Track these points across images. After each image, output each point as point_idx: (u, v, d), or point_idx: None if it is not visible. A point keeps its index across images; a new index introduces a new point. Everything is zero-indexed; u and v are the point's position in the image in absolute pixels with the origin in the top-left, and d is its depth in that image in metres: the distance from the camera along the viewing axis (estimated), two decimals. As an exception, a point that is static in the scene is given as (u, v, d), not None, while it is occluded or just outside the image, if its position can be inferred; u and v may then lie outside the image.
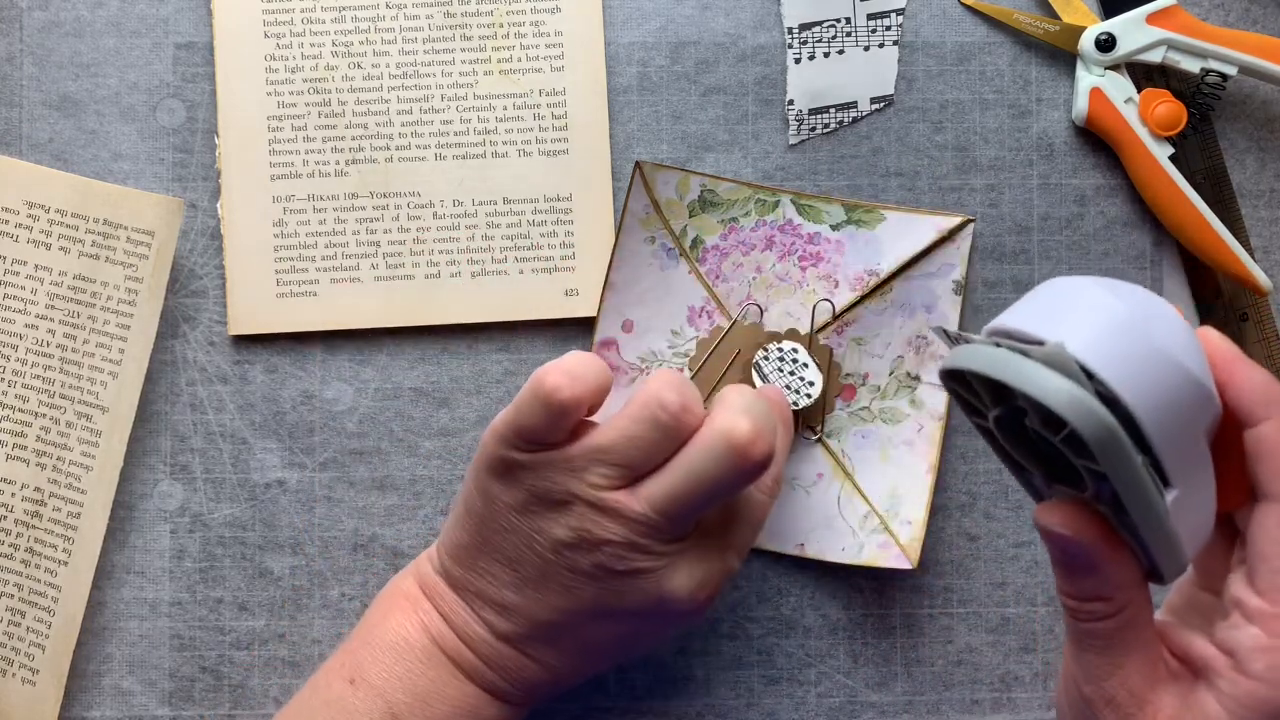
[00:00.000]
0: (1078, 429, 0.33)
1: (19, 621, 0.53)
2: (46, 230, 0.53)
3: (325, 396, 0.55)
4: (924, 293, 0.54)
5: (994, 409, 0.37)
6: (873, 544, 0.53)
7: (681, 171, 0.53)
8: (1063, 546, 0.38)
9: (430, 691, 0.46)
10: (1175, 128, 0.53)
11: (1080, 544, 0.37)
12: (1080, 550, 0.37)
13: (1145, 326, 0.35)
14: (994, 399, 0.37)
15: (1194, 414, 0.35)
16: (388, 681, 0.46)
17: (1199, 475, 0.36)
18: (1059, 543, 0.38)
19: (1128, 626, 0.38)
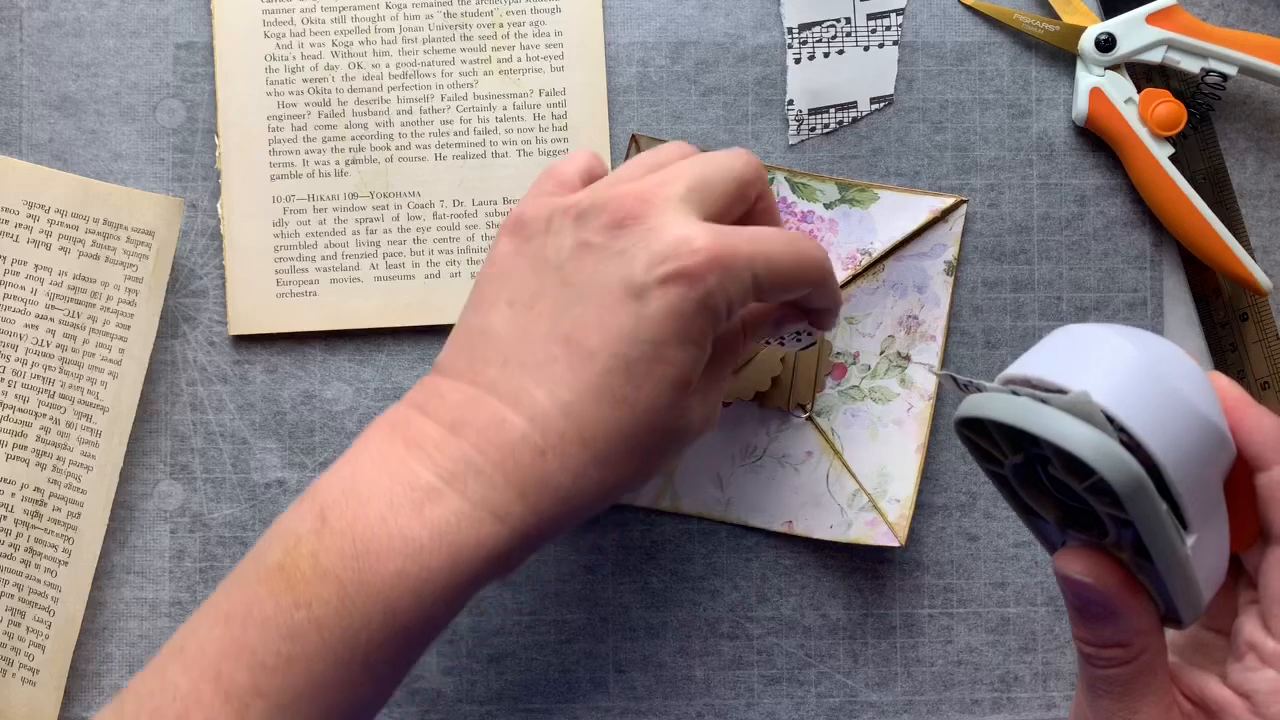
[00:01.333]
0: (1107, 478, 0.33)
1: (19, 621, 0.53)
2: (46, 230, 0.53)
3: (325, 396, 0.55)
4: (916, 273, 0.54)
5: (1012, 457, 0.37)
6: (861, 522, 0.53)
7: None
8: (1083, 594, 0.37)
9: (370, 489, 0.39)
10: (1175, 128, 0.53)
11: (1101, 591, 0.37)
12: (1100, 597, 0.37)
13: (1163, 372, 0.35)
14: (1013, 447, 0.37)
15: (1212, 459, 0.35)
16: (329, 485, 0.40)
17: (1215, 519, 0.36)
18: (1079, 590, 0.37)
19: (1144, 672, 0.38)
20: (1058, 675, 0.55)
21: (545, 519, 0.39)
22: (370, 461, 0.40)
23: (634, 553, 0.55)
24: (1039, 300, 0.55)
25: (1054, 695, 0.55)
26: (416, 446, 0.40)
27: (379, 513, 0.39)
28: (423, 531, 0.38)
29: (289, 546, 0.39)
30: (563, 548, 0.55)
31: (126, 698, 0.40)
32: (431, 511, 0.38)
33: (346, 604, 0.38)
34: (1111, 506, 0.35)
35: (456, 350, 0.42)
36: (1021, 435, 0.35)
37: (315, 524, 0.39)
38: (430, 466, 0.39)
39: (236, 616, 0.39)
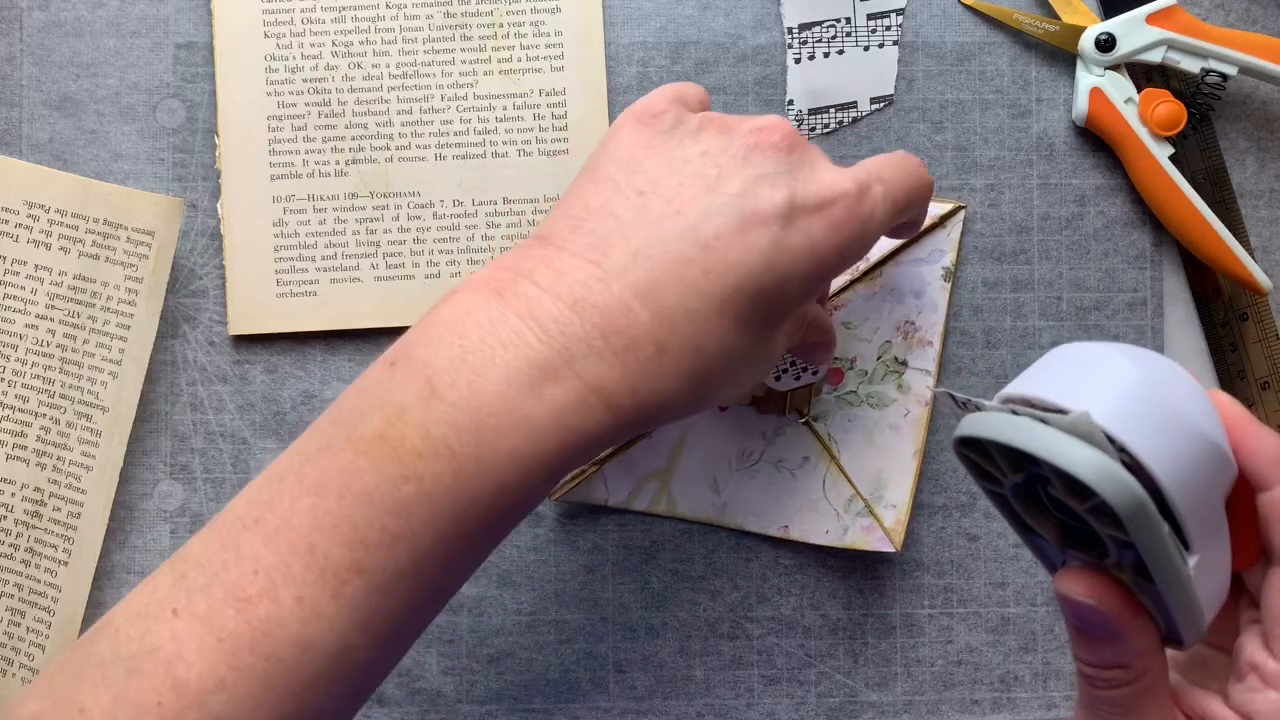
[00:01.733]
0: (1108, 500, 0.33)
1: (19, 621, 0.53)
2: (46, 230, 0.53)
3: (325, 396, 0.55)
4: (913, 278, 0.54)
5: (1012, 477, 0.37)
6: (857, 527, 0.53)
7: None
8: (1083, 615, 0.37)
9: (485, 361, 0.37)
10: (1175, 128, 0.53)
11: (1102, 612, 0.37)
12: (1101, 619, 0.37)
13: (1164, 392, 0.35)
14: (1013, 467, 0.36)
15: (1214, 480, 0.35)
16: (434, 353, 0.37)
17: (1217, 538, 0.36)
18: (1080, 611, 0.37)
19: (1146, 693, 0.38)
20: (1058, 675, 0.55)
21: (643, 418, 0.38)
22: (479, 329, 0.38)
23: (634, 553, 0.55)
24: (1039, 300, 0.55)
25: (1054, 695, 0.55)
26: (531, 319, 0.38)
27: (496, 387, 0.37)
28: (539, 410, 0.37)
29: (391, 416, 0.37)
30: (563, 548, 0.55)
31: (188, 569, 0.37)
32: (550, 391, 0.37)
33: (459, 480, 0.36)
34: (1112, 528, 0.34)
35: (571, 225, 0.40)
36: (1021, 455, 0.35)
37: (423, 393, 0.37)
38: (548, 343, 0.37)
39: (330, 489, 0.36)
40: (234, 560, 0.36)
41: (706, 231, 0.39)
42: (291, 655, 0.36)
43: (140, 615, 0.37)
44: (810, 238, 0.40)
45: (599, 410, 0.37)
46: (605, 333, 0.38)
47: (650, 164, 0.40)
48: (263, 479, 0.38)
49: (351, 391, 0.39)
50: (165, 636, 0.36)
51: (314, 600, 0.36)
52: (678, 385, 0.38)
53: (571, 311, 0.38)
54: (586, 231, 0.39)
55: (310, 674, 0.36)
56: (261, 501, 0.37)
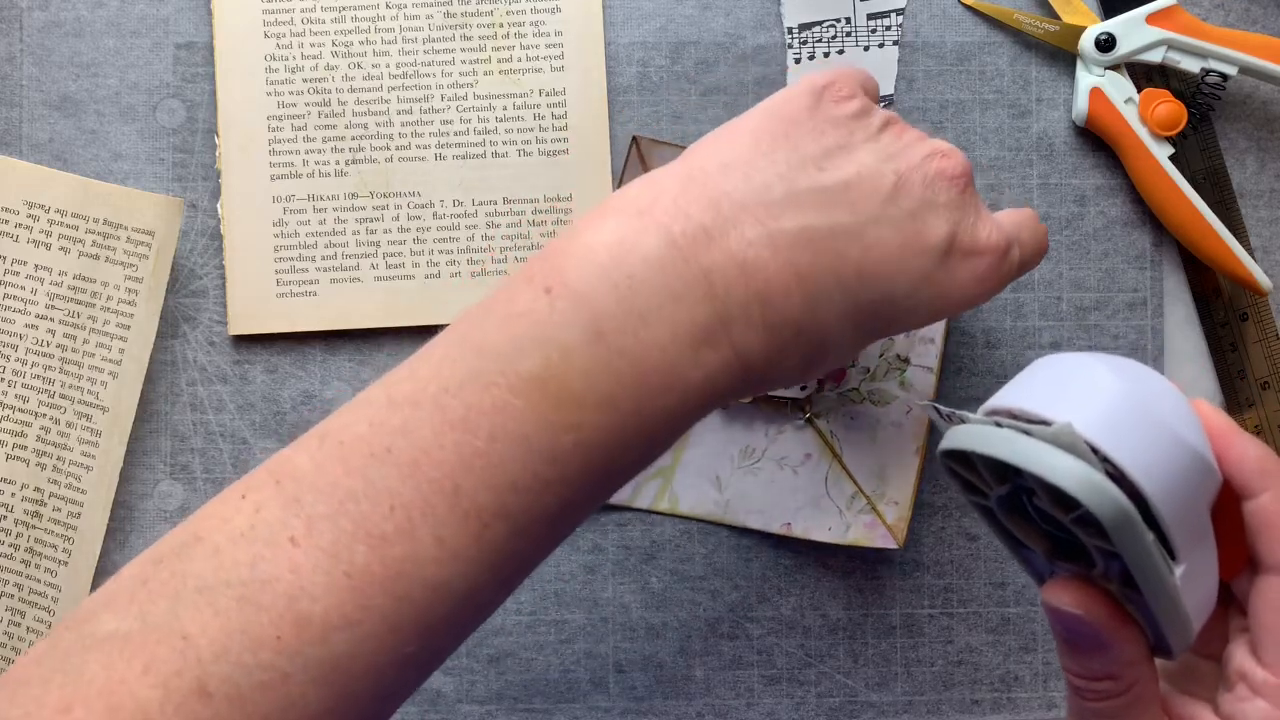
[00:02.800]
0: (1093, 511, 0.33)
1: (19, 621, 0.53)
2: (46, 230, 0.53)
3: (325, 396, 0.55)
4: None
5: (997, 489, 0.37)
6: (859, 524, 0.53)
7: (678, 148, 0.54)
8: (1072, 626, 0.37)
9: (652, 309, 0.35)
10: (1175, 128, 0.53)
11: (1089, 623, 0.36)
12: (1089, 629, 0.37)
13: (1147, 402, 0.35)
14: (998, 479, 0.36)
15: (1199, 489, 0.35)
16: (596, 288, 0.35)
17: (1203, 547, 0.36)
18: (1068, 622, 0.37)
19: (1136, 704, 0.37)
20: (1058, 675, 0.55)
21: (761, 385, 0.39)
22: (646, 268, 0.36)
23: (634, 553, 0.55)
24: (1039, 300, 0.55)
25: (1054, 695, 0.55)
26: (703, 273, 0.36)
27: (661, 341, 0.36)
28: (696, 374, 0.36)
29: (554, 357, 0.35)
30: (563, 548, 0.55)
31: (303, 493, 0.35)
32: (707, 356, 0.36)
33: (616, 433, 0.35)
34: (1098, 538, 0.34)
35: (725, 168, 0.38)
36: (1005, 467, 0.35)
37: (588, 335, 0.35)
38: (713, 304, 0.36)
39: (481, 428, 0.34)
40: (363, 491, 0.34)
41: (871, 237, 0.38)
42: (424, 596, 0.34)
43: (246, 538, 0.34)
44: (955, 280, 0.40)
45: (738, 376, 0.37)
46: (764, 305, 0.37)
47: (829, 142, 0.39)
48: (385, 400, 0.36)
49: (494, 315, 0.36)
50: (284, 567, 0.34)
51: (455, 543, 0.34)
52: (795, 365, 0.39)
53: (740, 273, 0.36)
54: (753, 180, 0.38)
55: (438, 615, 0.35)
56: (392, 427, 0.35)
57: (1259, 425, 0.55)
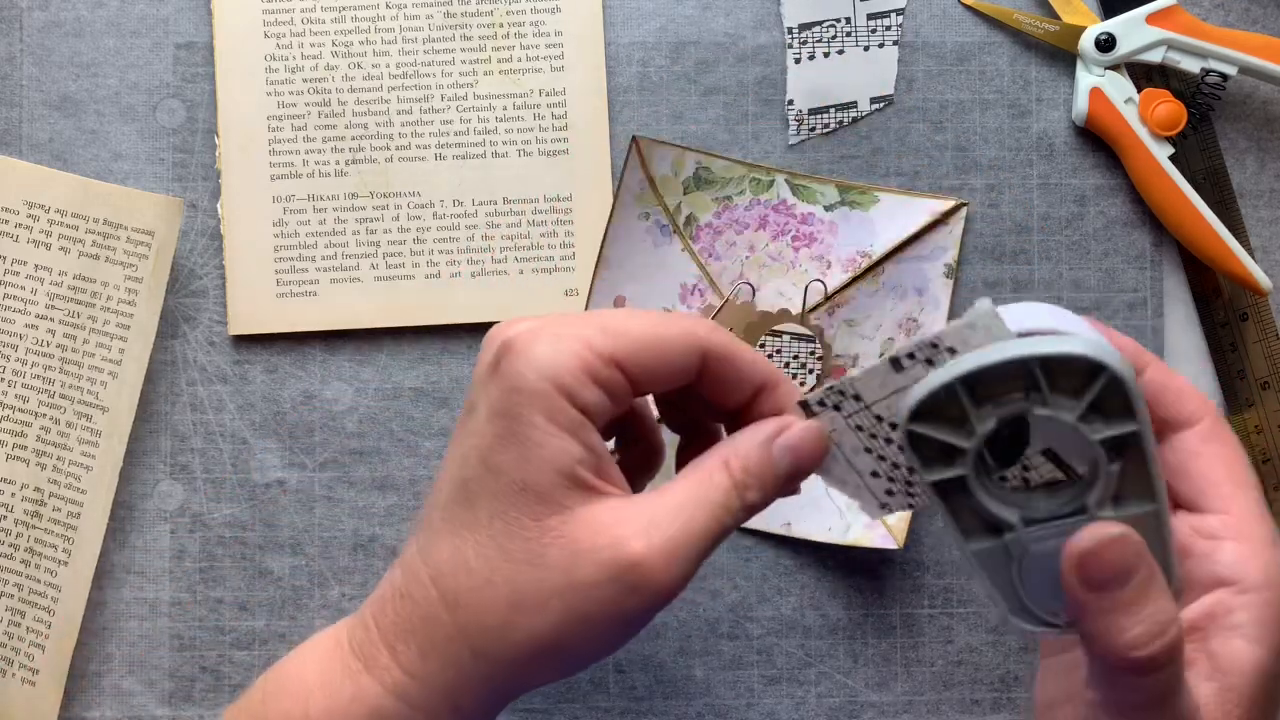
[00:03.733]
0: (1117, 371, 0.33)
1: (19, 621, 0.53)
2: (46, 230, 0.53)
3: (325, 396, 0.55)
4: (916, 275, 0.54)
5: (982, 429, 0.35)
6: (859, 524, 0.53)
7: (678, 148, 0.54)
8: (1115, 559, 0.34)
9: (320, 686, 0.37)
10: (1175, 128, 0.53)
11: (1134, 544, 0.34)
12: (1133, 552, 0.34)
13: (1058, 311, 0.36)
14: (978, 418, 0.35)
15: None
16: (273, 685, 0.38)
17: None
18: (1112, 554, 0.34)
19: (1180, 656, 0.35)
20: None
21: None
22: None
23: (634, 553, 0.55)
24: (1039, 300, 0.55)
25: None
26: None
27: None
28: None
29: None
30: (563, 548, 0.55)
31: None
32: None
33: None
34: (1112, 421, 0.34)
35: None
36: (988, 398, 0.34)
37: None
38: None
39: None
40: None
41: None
42: None
43: None
44: (489, 403, 0.39)
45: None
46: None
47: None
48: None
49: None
50: None
51: None
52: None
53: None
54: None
55: None
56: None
57: (1259, 425, 0.55)
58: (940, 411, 0.35)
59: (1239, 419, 0.55)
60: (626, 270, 0.54)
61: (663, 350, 0.37)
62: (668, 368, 0.37)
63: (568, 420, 0.36)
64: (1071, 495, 0.35)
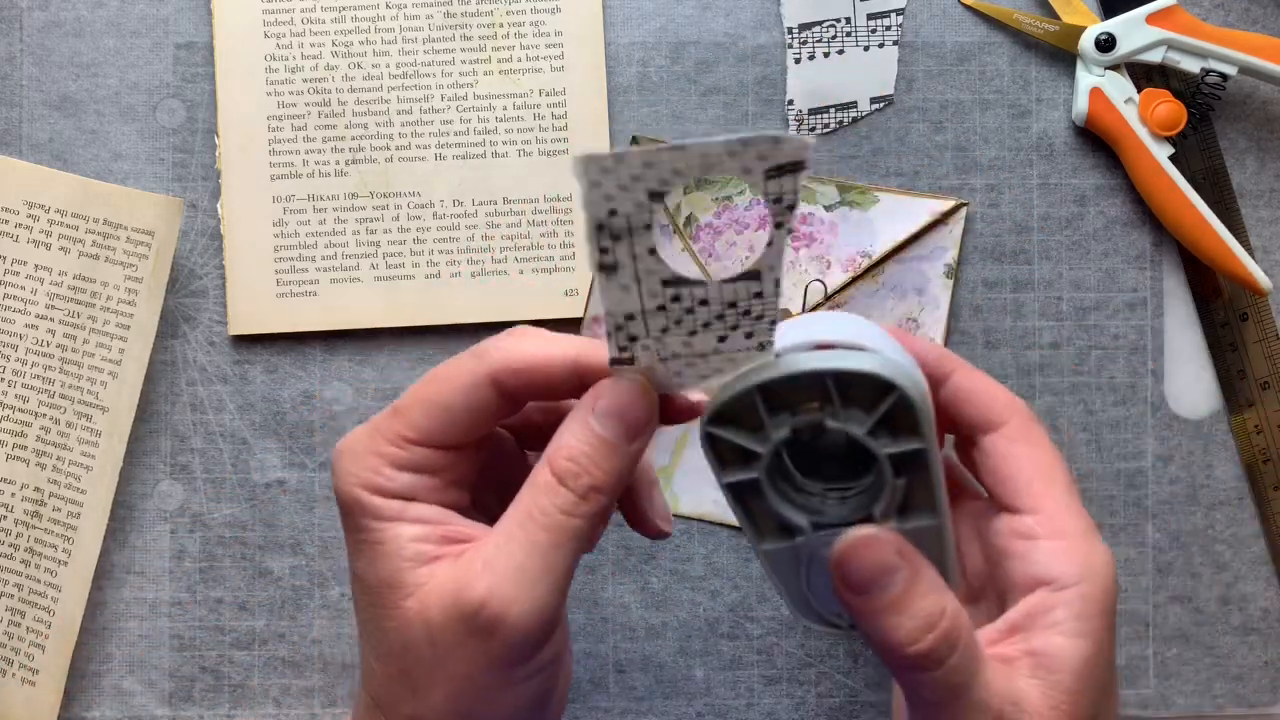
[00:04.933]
0: (907, 390, 0.34)
1: (19, 621, 0.53)
2: (46, 230, 0.53)
3: (325, 396, 0.55)
4: (916, 275, 0.54)
5: (777, 435, 0.35)
6: None
7: None
8: (881, 562, 0.35)
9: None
10: (1175, 128, 0.53)
11: (896, 548, 0.35)
12: (897, 554, 0.35)
13: (859, 322, 0.37)
14: (774, 425, 0.35)
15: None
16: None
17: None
18: (867, 554, 0.35)
19: (974, 655, 0.36)
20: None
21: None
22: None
23: (634, 553, 0.55)
24: (1039, 300, 0.55)
25: None
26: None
27: None
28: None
29: None
30: (563, 548, 0.55)
31: None
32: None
33: None
34: (899, 438, 0.35)
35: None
36: (783, 406, 0.35)
37: None
38: None
39: None
40: None
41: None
42: None
43: None
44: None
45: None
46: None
47: None
48: None
49: None
50: None
51: None
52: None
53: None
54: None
55: None
56: None
57: (1259, 425, 0.55)
58: (738, 416, 0.35)
59: (1239, 419, 0.55)
60: None
61: (451, 408, 0.37)
62: (470, 418, 0.37)
63: (390, 511, 0.37)
64: (860, 504, 0.36)
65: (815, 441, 0.36)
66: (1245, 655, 0.55)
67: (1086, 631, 0.36)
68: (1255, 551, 0.56)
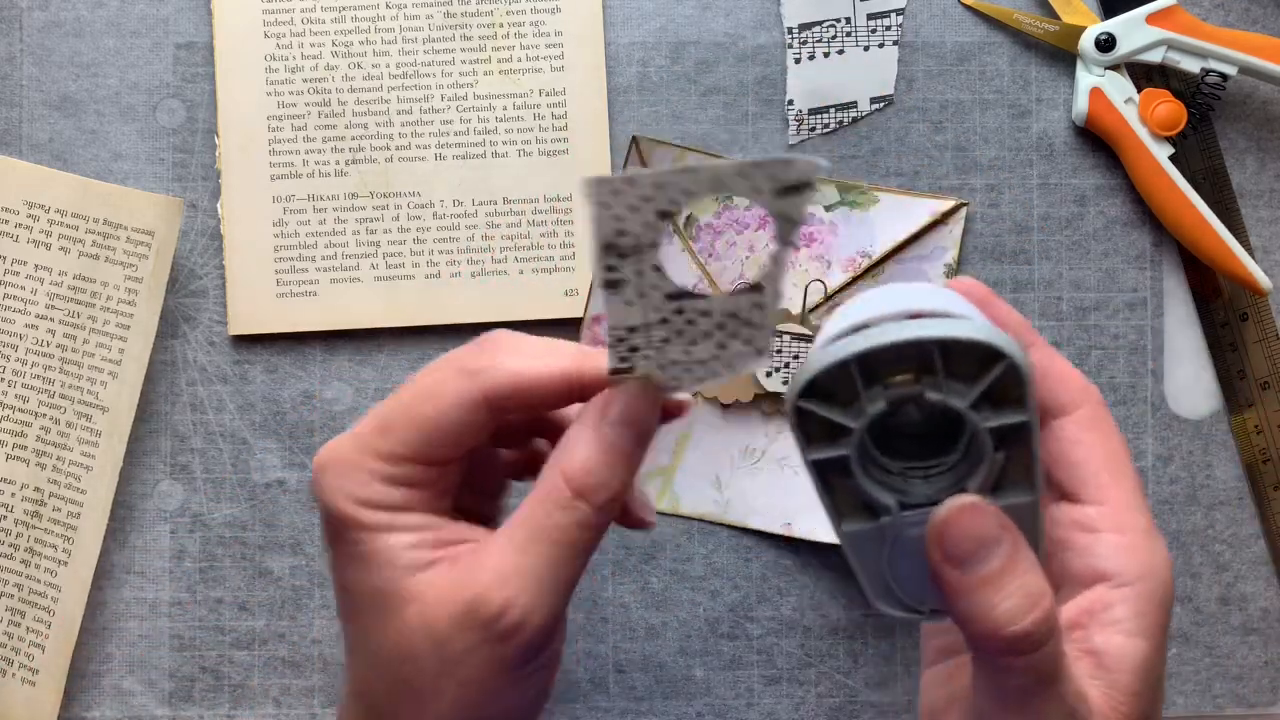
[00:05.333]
0: (1014, 357, 0.32)
1: (19, 621, 0.53)
2: (46, 230, 0.53)
3: (325, 396, 0.55)
4: (916, 275, 0.54)
5: (871, 408, 0.34)
6: None
7: (678, 148, 0.54)
8: (972, 530, 0.33)
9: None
10: (1175, 128, 0.53)
11: (998, 520, 0.34)
12: (997, 526, 0.33)
13: (945, 292, 0.36)
14: (869, 399, 0.34)
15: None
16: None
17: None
18: (980, 529, 0.33)
19: (1059, 650, 0.34)
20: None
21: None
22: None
23: (634, 553, 0.55)
24: (1039, 300, 0.55)
25: None
26: None
27: None
28: None
29: None
30: (563, 548, 0.55)
31: None
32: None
33: None
34: (999, 410, 0.33)
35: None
36: (878, 381, 0.33)
37: None
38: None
39: None
40: None
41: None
42: None
43: None
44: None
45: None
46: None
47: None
48: None
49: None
50: None
51: None
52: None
53: None
54: None
55: None
56: None
57: (1259, 425, 0.55)
58: (829, 390, 0.34)
59: (1239, 419, 0.55)
60: None
61: (442, 427, 0.36)
62: (461, 436, 0.37)
63: (380, 522, 0.36)
64: (948, 481, 0.35)
65: (896, 417, 0.34)
66: (1245, 655, 0.55)
67: (1146, 631, 0.35)
68: (1255, 551, 0.56)
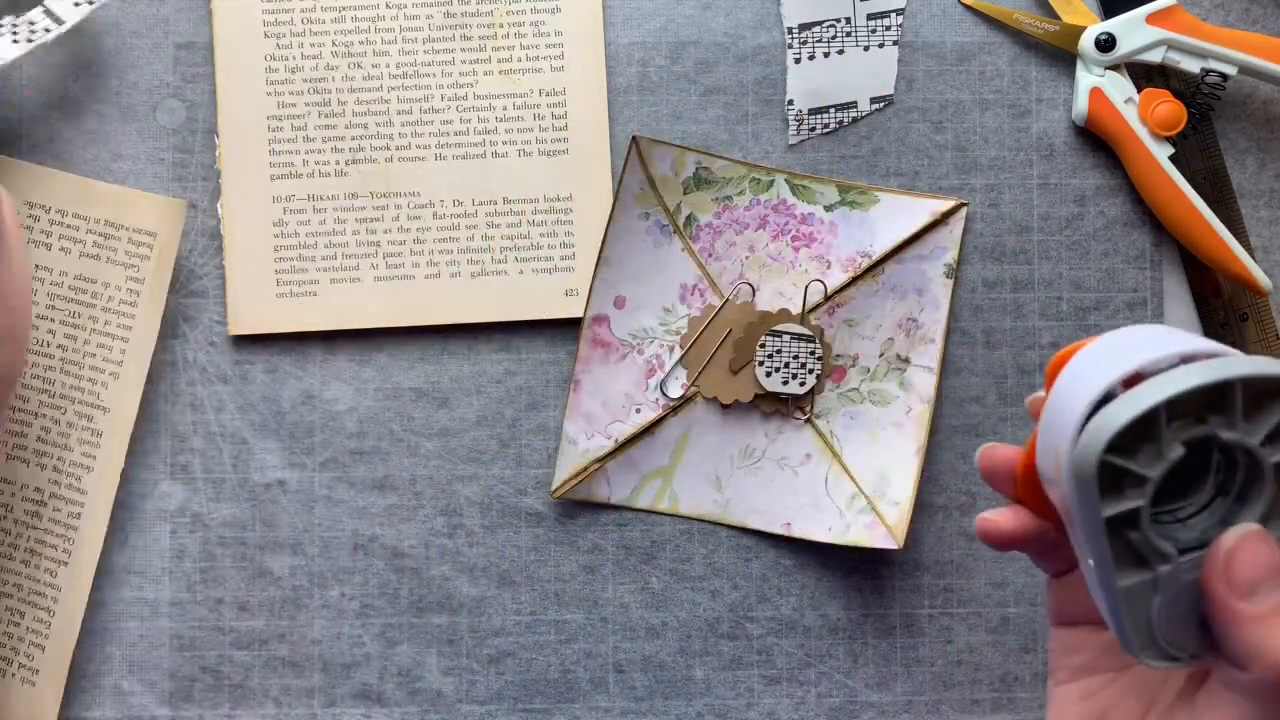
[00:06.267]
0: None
1: (19, 621, 0.53)
2: (46, 230, 0.53)
3: (325, 396, 0.55)
4: (916, 275, 0.54)
5: (1171, 452, 0.33)
6: (859, 524, 0.53)
7: (678, 148, 0.54)
8: (1269, 556, 0.33)
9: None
10: (1175, 128, 0.53)
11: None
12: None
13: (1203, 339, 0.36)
14: (1169, 444, 0.34)
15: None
16: None
17: None
18: (1264, 554, 0.33)
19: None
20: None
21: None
22: None
23: (634, 553, 0.55)
24: (1039, 300, 0.55)
25: (1054, 695, 0.55)
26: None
27: None
28: None
29: None
30: (563, 548, 0.55)
31: None
32: None
33: None
34: (1277, 445, 0.34)
35: None
36: (1202, 405, 0.33)
37: None
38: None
39: None
40: None
41: None
42: None
43: None
44: None
45: None
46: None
47: None
48: None
49: None
50: None
51: None
52: None
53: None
54: None
55: None
56: None
57: (1259, 425, 0.55)
58: (1127, 441, 0.33)
59: (1239, 419, 0.55)
60: (626, 270, 0.54)
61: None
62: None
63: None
64: (1213, 520, 0.35)
65: (1182, 461, 0.34)
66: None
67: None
68: (1255, 551, 0.56)
